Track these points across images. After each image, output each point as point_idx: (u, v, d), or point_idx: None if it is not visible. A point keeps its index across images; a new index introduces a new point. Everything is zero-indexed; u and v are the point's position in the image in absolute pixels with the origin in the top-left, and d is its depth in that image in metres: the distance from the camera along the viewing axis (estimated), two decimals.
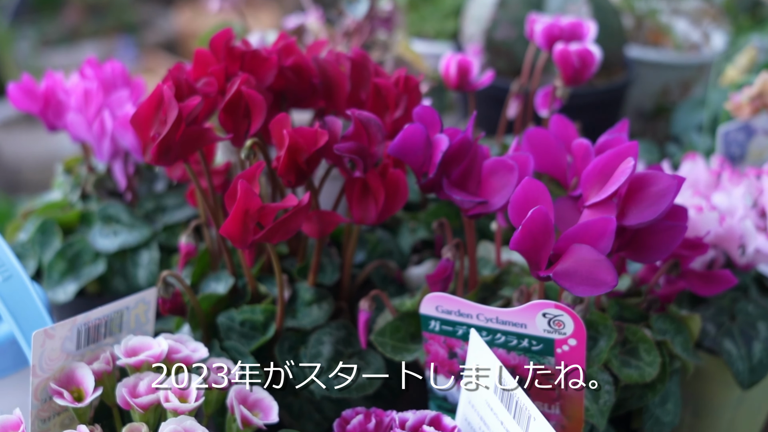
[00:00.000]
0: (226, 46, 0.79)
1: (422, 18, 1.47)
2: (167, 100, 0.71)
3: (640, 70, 1.46)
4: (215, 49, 0.80)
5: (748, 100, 1.03)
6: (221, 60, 0.79)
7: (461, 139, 0.72)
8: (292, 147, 0.71)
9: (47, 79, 0.94)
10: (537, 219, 0.65)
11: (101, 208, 0.94)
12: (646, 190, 0.68)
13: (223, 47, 0.79)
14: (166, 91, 0.71)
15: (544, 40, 0.96)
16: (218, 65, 0.78)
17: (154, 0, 5.24)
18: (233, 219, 0.68)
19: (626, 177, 0.66)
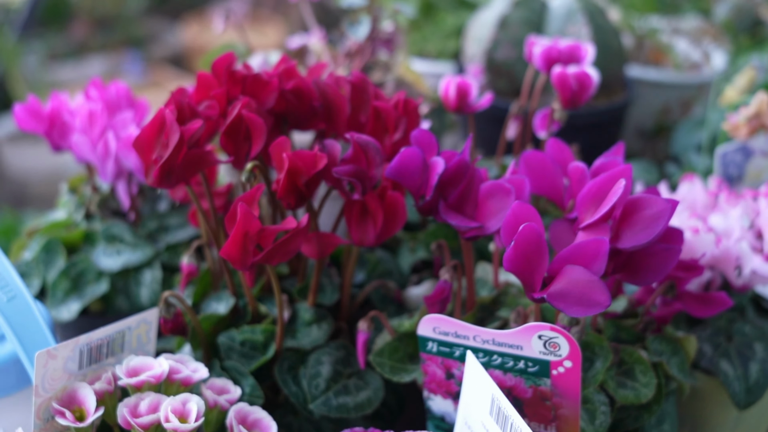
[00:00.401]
0: (227, 69, 0.80)
1: (424, 37, 1.48)
2: (169, 123, 0.72)
3: (640, 89, 1.47)
4: (217, 73, 0.81)
5: (745, 120, 1.03)
6: (223, 83, 0.80)
7: (458, 162, 0.73)
8: (291, 170, 0.72)
9: (52, 100, 0.95)
10: (528, 236, 0.66)
11: (105, 227, 0.95)
12: (641, 213, 0.69)
13: (224, 71, 0.80)
14: (168, 115, 0.72)
15: (543, 62, 0.97)
16: (220, 89, 0.80)
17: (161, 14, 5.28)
18: (233, 241, 0.70)
19: (618, 197, 0.67)
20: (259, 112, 0.78)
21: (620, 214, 0.69)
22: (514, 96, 1.30)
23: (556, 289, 0.66)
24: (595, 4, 1.31)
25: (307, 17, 1.16)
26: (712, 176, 1.05)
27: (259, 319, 0.83)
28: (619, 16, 1.55)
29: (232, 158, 0.77)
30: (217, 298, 0.84)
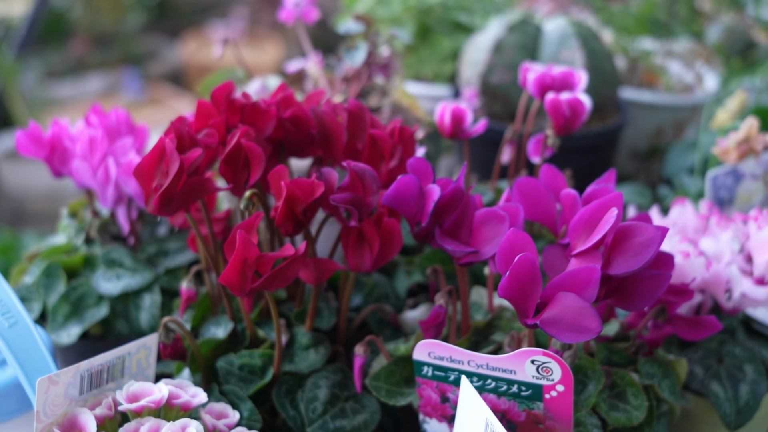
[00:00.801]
0: (227, 98, 0.82)
1: (420, 61, 1.50)
2: (169, 152, 0.74)
3: (634, 111, 1.49)
4: (216, 102, 0.83)
5: (735, 144, 1.05)
6: (222, 112, 0.82)
7: (453, 190, 0.75)
8: (289, 198, 0.74)
9: (53, 127, 0.97)
10: (523, 265, 0.68)
11: (105, 252, 0.96)
12: (631, 240, 0.71)
13: (224, 100, 0.82)
14: (168, 144, 0.74)
15: (536, 88, 0.99)
16: (219, 117, 0.81)
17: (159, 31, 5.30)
18: (232, 268, 0.71)
19: (610, 226, 0.69)
20: (258, 140, 0.80)
21: (611, 241, 0.71)
22: (509, 119, 1.32)
23: (548, 316, 0.67)
24: (588, 28, 1.33)
25: (304, 41, 1.18)
26: (704, 199, 1.07)
27: (257, 343, 0.84)
28: (612, 38, 1.57)
29: (231, 186, 0.79)
30: (216, 323, 0.86)
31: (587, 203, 0.76)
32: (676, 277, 0.88)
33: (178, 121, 0.80)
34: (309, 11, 1.17)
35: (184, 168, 0.74)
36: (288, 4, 1.17)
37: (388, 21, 1.52)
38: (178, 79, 4.98)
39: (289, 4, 1.17)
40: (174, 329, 0.81)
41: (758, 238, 0.92)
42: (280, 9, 1.18)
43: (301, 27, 1.18)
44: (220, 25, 5.15)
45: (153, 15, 5.36)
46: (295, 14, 1.17)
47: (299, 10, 1.17)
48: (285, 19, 1.17)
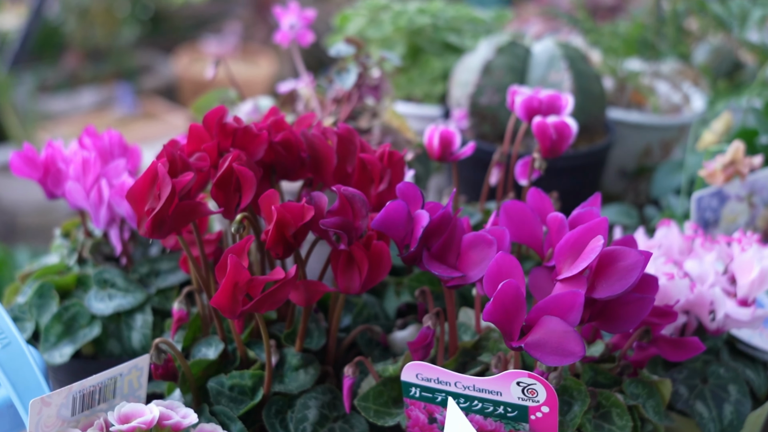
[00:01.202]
0: (219, 122, 0.83)
1: (411, 81, 1.51)
2: (161, 176, 0.75)
3: (622, 130, 1.50)
4: (208, 126, 0.84)
5: (722, 167, 1.07)
6: (214, 136, 0.83)
7: (441, 215, 0.76)
8: (279, 222, 0.75)
9: (47, 148, 0.98)
10: (508, 291, 0.69)
11: (97, 272, 0.97)
12: (615, 264, 0.72)
13: (216, 124, 0.83)
14: (161, 168, 0.75)
15: (524, 112, 1.01)
16: (211, 141, 0.83)
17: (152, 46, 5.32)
18: (223, 291, 0.72)
19: (596, 254, 0.71)
20: (249, 164, 0.81)
21: (596, 265, 0.72)
22: (498, 140, 1.33)
23: (533, 339, 0.69)
24: (576, 50, 1.35)
25: (298, 63, 1.19)
26: (689, 221, 1.08)
27: (247, 364, 0.85)
28: (600, 59, 1.59)
29: (223, 209, 0.80)
30: (207, 343, 0.87)
31: (573, 227, 0.78)
32: (660, 298, 0.89)
33: (170, 144, 0.82)
34: (304, 34, 1.18)
35: (176, 191, 0.75)
36: (283, 26, 1.18)
37: (379, 41, 1.54)
38: (172, 93, 5.00)
39: (284, 27, 1.18)
40: (165, 350, 0.82)
41: (741, 260, 0.93)
42: (276, 31, 1.19)
43: (296, 48, 1.20)
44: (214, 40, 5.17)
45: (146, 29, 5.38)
46: (290, 36, 1.18)
47: (294, 33, 1.18)
48: (280, 41, 1.18)
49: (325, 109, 1.17)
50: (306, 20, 1.18)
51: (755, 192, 1.12)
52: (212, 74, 1.19)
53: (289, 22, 1.18)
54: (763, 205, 1.13)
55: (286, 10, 1.18)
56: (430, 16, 1.55)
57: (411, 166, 1.08)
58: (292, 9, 1.18)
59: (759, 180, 1.11)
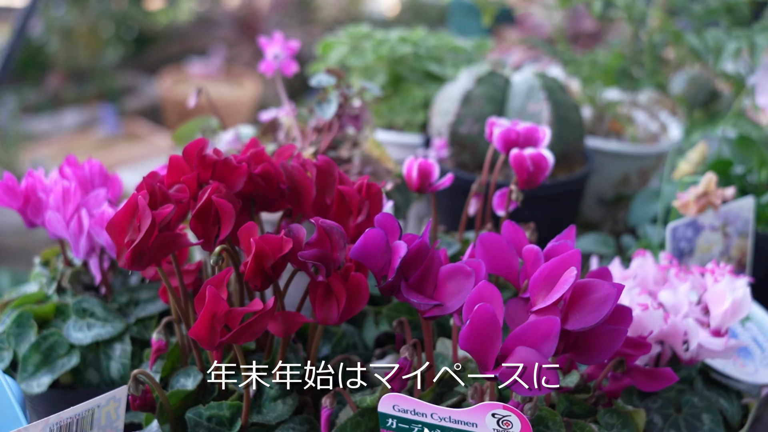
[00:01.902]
0: (199, 154, 0.84)
1: (392, 109, 1.53)
2: (141, 208, 0.76)
3: (601, 159, 1.52)
4: (189, 157, 0.85)
5: (695, 198, 1.08)
6: (194, 168, 0.84)
7: (418, 246, 0.77)
8: (258, 254, 0.76)
9: (27, 178, 0.98)
10: (483, 316, 0.70)
11: (76, 301, 0.97)
12: (588, 297, 0.73)
13: (196, 156, 0.84)
14: (141, 201, 0.76)
15: (502, 144, 1.02)
16: (191, 173, 0.84)
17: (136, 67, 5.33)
18: (201, 323, 0.73)
19: (569, 286, 0.72)
20: (228, 196, 0.82)
21: (569, 297, 0.74)
22: (477, 168, 1.35)
23: (507, 370, 0.69)
24: (554, 80, 1.37)
25: (281, 92, 1.20)
26: (664, 251, 1.10)
27: (226, 394, 0.86)
28: (579, 88, 1.61)
29: (202, 240, 0.81)
30: (186, 374, 0.87)
31: (548, 259, 0.79)
32: (634, 329, 0.91)
33: (150, 176, 0.82)
34: (288, 64, 1.20)
35: (156, 223, 0.76)
36: (268, 56, 1.19)
37: (361, 70, 1.55)
38: (156, 114, 5.00)
39: (269, 57, 1.19)
40: (144, 381, 0.82)
41: (714, 291, 0.95)
42: (261, 61, 1.21)
43: (279, 78, 1.21)
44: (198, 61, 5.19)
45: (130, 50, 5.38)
46: (275, 66, 1.19)
47: (278, 63, 1.19)
48: (264, 71, 1.20)
49: (306, 138, 1.18)
50: (290, 51, 1.20)
51: (729, 222, 1.13)
52: (194, 103, 1.20)
53: (273, 52, 1.19)
54: (737, 235, 1.15)
55: (271, 40, 1.20)
56: (412, 45, 1.57)
57: (390, 195, 1.09)
58: (277, 40, 1.19)
59: (732, 210, 1.13)
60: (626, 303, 0.92)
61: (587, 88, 1.57)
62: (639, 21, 1.50)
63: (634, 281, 1.01)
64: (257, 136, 1.22)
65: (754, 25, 1.53)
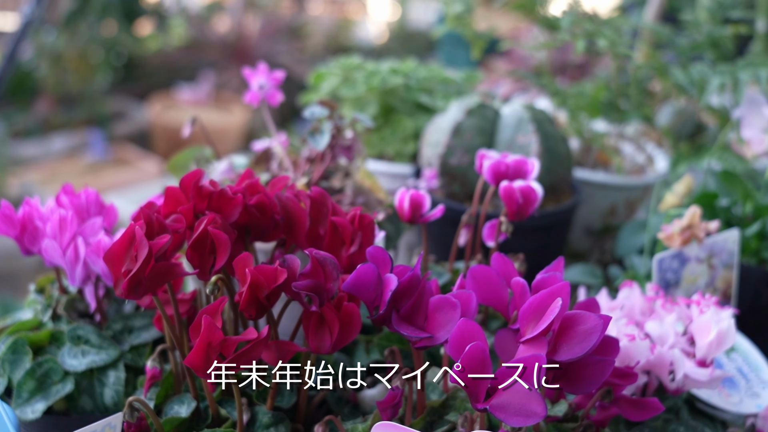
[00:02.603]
0: (195, 186, 0.86)
1: (383, 140, 1.55)
2: (138, 238, 0.77)
3: (588, 190, 1.55)
4: (185, 188, 0.86)
5: (679, 231, 1.11)
6: (191, 198, 0.86)
7: (409, 278, 0.79)
8: (253, 284, 0.77)
9: (24, 206, 0.99)
10: (474, 355, 0.72)
11: (71, 328, 0.98)
12: (576, 328, 0.75)
13: (192, 187, 0.86)
14: (138, 231, 0.77)
15: (492, 176, 1.04)
16: (188, 204, 0.85)
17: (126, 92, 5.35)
18: (197, 351, 0.74)
19: (555, 315, 0.74)
20: (224, 226, 0.83)
21: (558, 329, 0.75)
22: (467, 199, 1.37)
23: (497, 401, 0.71)
24: (543, 113, 1.39)
25: (269, 123, 1.22)
26: (651, 282, 1.12)
27: (219, 421, 0.87)
28: (567, 119, 1.63)
29: (198, 270, 0.82)
30: (180, 401, 0.88)
31: (537, 291, 0.81)
32: (621, 359, 0.92)
33: (147, 206, 0.84)
34: (273, 94, 1.21)
35: (152, 253, 0.78)
36: (253, 87, 1.21)
37: (353, 100, 1.57)
38: (144, 140, 5.02)
39: (254, 87, 1.21)
40: (139, 408, 0.83)
41: (700, 322, 0.97)
42: (246, 91, 1.22)
43: (266, 108, 1.23)
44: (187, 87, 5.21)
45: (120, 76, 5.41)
46: (260, 97, 1.21)
47: (264, 93, 1.21)
48: (250, 101, 1.21)
49: (298, 168, 1.19)
50: (275, 81, 1.21)
51: (714, 254, 1.15)
52: (188, 132, 1.22)
53: (258, 82, 1.21)
54: (723, 267, 1.17)
55: (256, 71, 1.22)
56: (403, 77, 1.59)
57: (382, 226, 1.11)
58: (261, 70, 1.21)
59: (718, 243, 1.15)
60: (613, 333, 0.93)
61: (574, 121, 1.60)
62: (624, 57, 1.53)
63: (621, 312, 1.03)
64: (250, 166, 1.24)
65: (738, 60, 1.56)
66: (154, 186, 3.97)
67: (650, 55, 1.59)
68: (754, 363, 1.08)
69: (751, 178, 1.35)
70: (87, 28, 4.97)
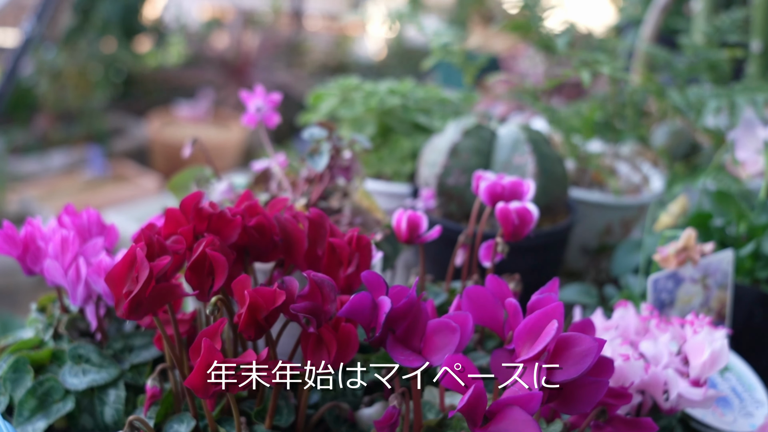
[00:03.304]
0: (195, 207, 0.87)
1: (381, 159, 1.56)
2: (140, 260, 0.79)
3: (584, 209, 1.56)
4: (185, 210, 0.88)
5: (675, 253, 1.12)
6: (190, 220, 0.87)
7: (406, 303, 0.80)
8: (252, 306, 0.78)
9: (26, 226, 1.01)
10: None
11: (72, 347, 0.99)
12: (571, 350, 0.76)
13: (192, 209, 0.87)
14: (139, 253, 0.79)
15: (488, 197, 1.05)
16: (187, 225, 0.86)
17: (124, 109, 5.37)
18: (197, 373, 0.75)
19: (551, 338, 0.75)
20: (222, 248, 0.85)
21: (553, 350, 0.76)
22: (464, 219, 1.38)
23: (495, 428, 0.73)
24: (539, 133, 1.41)
25: (267, 144, 1.24)
26: (645, 302, 1.13)
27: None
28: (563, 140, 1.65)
29: (197, 292, 0.83)
30: (179, 420, 0.89)
31: (532, 311, 0.82)
32: (616, 379, 0.93)
33: (148, 228, 0.85)
34: (270, 116, 1.23)
35: (153, 275, 0.79)
36: (250, 109, 1.23)
37: (351, 121, 1.59)
38: (143, 156, 5.04)
39: (251, 109, 1.23)
40: (139, 427, 0.84)
41: (694, 342, 0.98)
42: (244, 113, 1.24)
43: (263, 129, 1.24)
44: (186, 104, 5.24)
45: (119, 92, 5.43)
46: (257, 119, 1.23)
47: (261, 115, 1.23)
48: (247, 123, 1.23)
49: (297, 189, 1.21)
50: (272, 103, 1.23)
51: (709, 274, 1.17)
52: (188, 153, 1.23)
53: (255, 105, 1.22)
54: (717, 287, 1.18)
55: (253, 93, 1.23)
56: (401, 97, 1.61)
57: (380, 246, 1.12)
58: (259, 92, 1.23)
59: (712, 263, 1.16)
60: (608, 353, 0.95)
61: (569, 142, 1.61)
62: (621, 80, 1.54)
63: (615, 332, 1.05)
64: (249, 186, 1.25)
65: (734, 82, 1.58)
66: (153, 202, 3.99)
67: (647, 76, 1.61)
68: (747, 383, 1.09)
69: (746, 199, 1.36)
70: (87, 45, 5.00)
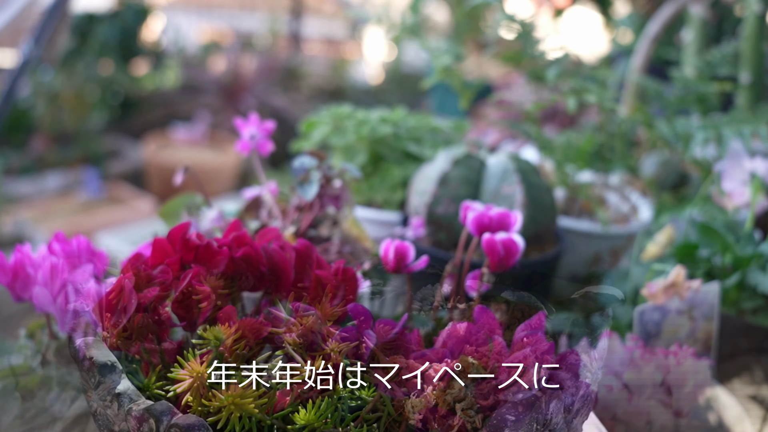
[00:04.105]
0: (182, 239, 0.88)
1: (372, 187, 1.58)
2: (127, 291, 0.79)
3: (573, 238, 1.57)
4: (173, 241, 0.89)
5: (663, 289, 1.13)
6: (178, 251, 0.88)
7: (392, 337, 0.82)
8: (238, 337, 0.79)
9: (16, 253, 1.02)
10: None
11: (60, 374, 1.00)
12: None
13: (179, 240, 0.88)
14: (127, 284, 0.79)
15: (475, 227, 1.07)
16: (174, 256, 0.87)
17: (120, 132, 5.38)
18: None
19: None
20: (209, 279, 0.86)
21: None
22: (453, 247, 1.39)
23: None
24: (528, 163, 1.42)
25: (259, 172, 1.25)
26: (631, 332, 1.14)
27: None
28: (552, 168, 1.66)
29: (184, 323, 0.84)
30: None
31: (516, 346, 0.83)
32: (599, 410, 0.94)
33: (135, 257, 0.86)
34: (264, 144, 1.24)
35: (141, 306, 0.80)
36: (244, 136, 1.24)
37: (343, 149, 1.60)
38: (139, 179, 5.04)
39: (245, 137, 1.24)
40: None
41: (677, 373, 0.99)
42: (237, 140, 1.25)
43: (256, 157, 1.25)
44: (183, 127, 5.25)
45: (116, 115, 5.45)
46: (251, 146, 1.24)
47: (255, 143, 1.24)
48: (241, 151, 1.24)
49: (287, 217, 1.22)
50: (266, 131, 1.24)
51: (695, 306, 1.18)
52: (180, 180, 1.24)
53: (249, 132, 1.24)
54: (703, 319, 1.19)
55: (247, 121, 1.24)
56: (392, 125, 1.62)
57: (368, 275, 1.13)
58: (253, 120, 1.24)
59: (698, 296, 1.17)
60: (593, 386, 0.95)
61: (560, 171, 1.63)
62: (610, 111, 1.56)
63: (600, 362, 1.05)
64: (240, 214, 1.26)
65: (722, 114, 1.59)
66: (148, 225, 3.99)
67: (637, 106, 1.63)
68: (731, 412, 1.10)
69: (732, 230, 1.37)
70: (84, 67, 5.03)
